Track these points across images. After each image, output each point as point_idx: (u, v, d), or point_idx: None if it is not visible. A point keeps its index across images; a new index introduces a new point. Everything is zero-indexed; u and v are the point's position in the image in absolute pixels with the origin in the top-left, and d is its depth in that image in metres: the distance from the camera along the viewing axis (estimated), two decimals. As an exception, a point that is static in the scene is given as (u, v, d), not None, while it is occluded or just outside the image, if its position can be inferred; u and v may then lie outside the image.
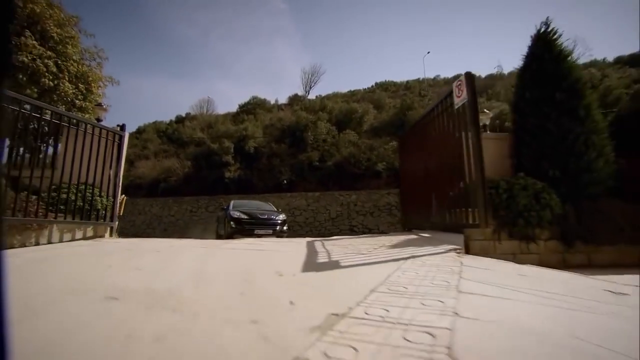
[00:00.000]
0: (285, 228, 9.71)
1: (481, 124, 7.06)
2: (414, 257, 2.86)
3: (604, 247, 5.08)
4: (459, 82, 4.31)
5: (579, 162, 5.13)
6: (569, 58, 5.93)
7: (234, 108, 38.40)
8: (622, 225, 5.00)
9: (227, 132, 26.02)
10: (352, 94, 42.63)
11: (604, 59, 39.82)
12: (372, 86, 47.56)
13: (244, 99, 40.54)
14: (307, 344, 1.13)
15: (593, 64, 41.16)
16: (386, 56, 67.22)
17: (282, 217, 9.99)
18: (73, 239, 5.23)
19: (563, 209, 4.99)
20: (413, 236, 5.34)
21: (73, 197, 5.01)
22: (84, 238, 5.38)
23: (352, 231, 18.94)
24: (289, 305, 1.52)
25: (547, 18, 6.29)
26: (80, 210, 5.14)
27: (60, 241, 5.05)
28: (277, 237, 9.07)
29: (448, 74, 49.63)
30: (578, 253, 5.08)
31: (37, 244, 4.74)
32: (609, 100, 24.05)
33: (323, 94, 44.28)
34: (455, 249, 3.38)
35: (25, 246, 4.58)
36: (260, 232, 8.92)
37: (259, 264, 2.63)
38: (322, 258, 2.92)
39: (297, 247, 4.05)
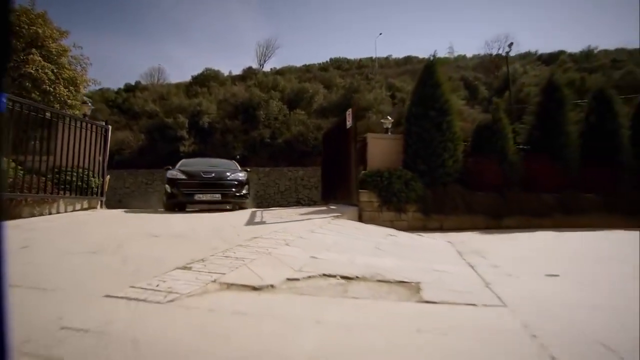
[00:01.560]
0: (245, 192, 7.52)
1: (384, 127, 9.58)
2: (309, 219, 5.18)
3: (450, 217, 7.86)
4: (349, 113, 6.64)
5: (437, 160, 7.77)
6: (443, 84, 8.47)
7: (186, 77, 38.35)
8: (460, 204, 7.80)
9: (181, 106, 26.81)
10: (307, 69, 44.09)
11: (537, 54, 44.62)
12: (326, 62, 49.12)
13: (198, 68, 40.53)
14: (243, 243, 3.31)
15: (523, 57, 45.98)
16: (342, 33, 68.49)
17: (239, 175, 7.67)
18: (74, 210, 7.01)
19: (424, 191, 7.64)
20: (323, 207, 7.78)
21: (74, 178, 6.76)
22: (82, 209, 7.17)
23: (299, 203, 21.37)
24: (237, 235, 3.71)
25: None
26: (79, 188, 6.92)
27: (65, 211, 6.83)
28: (233, 206, 7.46)
29: (400, 54, 52.16)
30: (433, 221, 7.81)
31: (50, 213, 6.51)
32: (521, 96, 28.27)
33: (278, 67, 45.19)
34: (336, 216, 5.72)
35: (43, 215, 6.34)
36: (202, 197, 7.01)
37: (221, 223, 4.78)
38: (257, 219, 5.17)
39: (244, 213, 6.30)
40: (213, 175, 7.39)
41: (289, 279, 2.09)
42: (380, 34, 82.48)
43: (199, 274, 2.18)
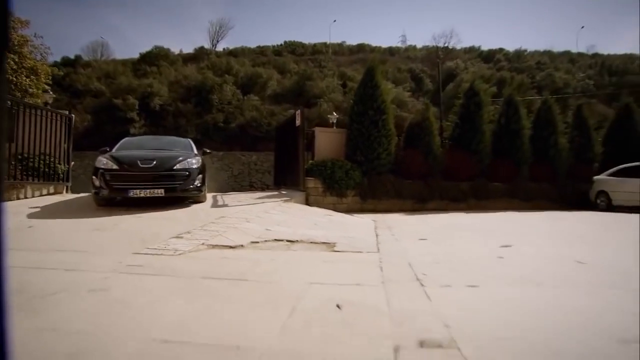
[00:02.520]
0: (198, 184, 6.01)
1: (330, 122, 10.88)
2: (264, 202, 6.33)
3: (382, 200, 9.40)
4: (298, 113, 7.81)
5: (373, 153, 9.20)
6: (381, 86, 9.86)
7: (133, 54, 36.74)
8: (391, 190, 9.36)
9: (130, 87, 26.11)
10: (261, 51, 44.01)
11: (480, 49, 48.12)
12: (280, 45, 49.15)
13: (145, 45, 38.88)
14: (214, 221, 4.37)
15: (468, 51, 49.42)
16: (297, 17, 68.22)
17: (191, 163, 6.08)
18: (41, 195, 7.53)
19: (362, 179, 9.08)
20: (276, 192, 8.96)
21: (40, 165, 7.27)
22: (48, 194, 7.69)
23: (252, 187, 22.23)
24: (206, 215, 4.77)
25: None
26: (45, 174, 7.43)
27: (33, 196, 7.34)
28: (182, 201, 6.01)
29: (353, 41, 53.42)
30: (369, 204, 9.29)
31: (18, 198, 7.02)
32: (459, 91, 30.93)
33: (231, 47, 44.57)
34: (286, 200, 6.91)
35: (11, 200, 6.85)
36: (139, 193, 5.48)
37: (194, 207, 5.79)
38: (220, 203, 6.23)
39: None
40: (154, 163, 5.70)
41: (252, 242, 3.26)
42: (335, 20, 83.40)
43: (189, 240, 3.28)
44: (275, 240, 3.44)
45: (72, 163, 8.23)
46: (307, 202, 8.40)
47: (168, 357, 1.15)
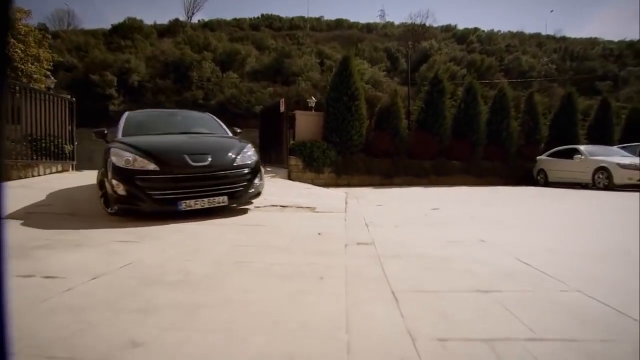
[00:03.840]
0: (260, 185, 4.48)
1: (310, 105, 12.10)
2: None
3: (355, 176, 10.87)
4: (282, 101, 9.04)
5: (347, 135, 10.57)
6: (355, 75, 11.11)
7: (103, 24, 35.83)
8: (362, 167, 10.83)
9: (105, 62, 25.99)
10: (237, 24, 43.71)
11: (456, 28, 49.26)
12: (257, 17, 48.71)
13: (116, 14, 37.74)
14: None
15: (445, 29, 50.59)
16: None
17: (249, 155, 4.54)
18: (51, 172, 8.49)
19: (337, 158, 10.48)
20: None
21: (50, 145, 8.20)
22: (57, 172, 8.65)
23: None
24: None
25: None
26: (55, 154, 8.38)
27: (44, 174, 8.30)
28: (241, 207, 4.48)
29: (331, 16, 53.39)
30: (343, 179, 10.74)
31: (32, 176, 7.97)
32: (431, 72, 32.41)
33: (207, 19, 43.92)
34: (272, 176, 8.22)
35: (27, 177, 7.81)
36: (193, 204, 3.82)
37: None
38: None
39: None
40: (210, 160, 4.09)
41: (255, 207, 4.61)
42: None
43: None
44: (272, 205, 4.79)
45: (77, 143, 9.14)
46: (290, 178, 9.75)
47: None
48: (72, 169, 9.07)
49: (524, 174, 13.32)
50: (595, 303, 1.48)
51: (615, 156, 10.44)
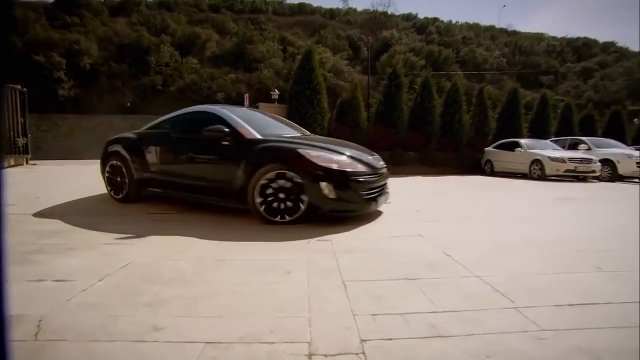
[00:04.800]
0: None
1: (272, 97, 12.37)
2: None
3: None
4: (246, 96, 9.27)
5: (309, 128, 10.99)
6: (317, 69, 11.50)
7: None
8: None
9: (50, 40, 24.37)
10: (196, 3, 42.10)
11: (416, 17, 50.37)
12: (218, -1, 47.05)
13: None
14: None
15: (405, 18, 51.61)
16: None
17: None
18: (2, 168, 8.25)
19: (300, 150, 10.90)
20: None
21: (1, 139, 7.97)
22: (9, 166, 8.41)
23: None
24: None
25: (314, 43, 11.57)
26: (6, 148, 8.16)
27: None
28: None
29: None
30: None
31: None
32: (392, 62, 33.36)
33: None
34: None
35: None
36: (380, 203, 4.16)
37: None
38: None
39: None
40: (381, 163, 4.43)
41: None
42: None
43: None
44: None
45: (29, 136, 8.87)
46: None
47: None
48: (26, 163, 8.84)
49: (473, 164, 14.43)
50: (485, 286, 2.08)
51: (548, 149, 11.69)
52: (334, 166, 3.66)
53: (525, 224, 4.02)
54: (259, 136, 4.01)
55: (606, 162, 11.31)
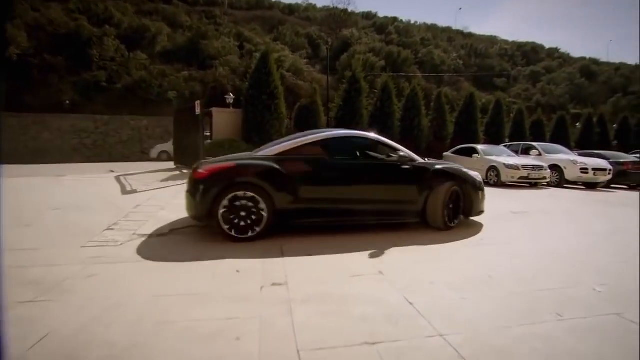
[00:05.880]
0: None
1: (228, 101, 11.92)
2: (169, 186, 7.44)
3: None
4: (198, 103, 8.83)
5: (267, 135, 10.71)
6: (274, 73, 11.21)
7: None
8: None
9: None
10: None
11: (376, 16, 51.09)
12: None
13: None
14: (133, 210, 5.47)
15: (365, 16, 52.25)
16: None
17: None
18: None
19: (257, 158, 10.58)
20: (178, 172, 9.97)
21: None
22: None
23: (143, 153, 21.78)
24: (124, 204, 5.79)
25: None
26: None
27: None
28: None
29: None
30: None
31: None
32: (352, 62, 33.68)
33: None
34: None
35: None
36: None
37: (104, 194, 6.58)
38: (128, 188, 7.14)
39: (110, 181, 8.00)
40: None
41: (171, 230, 4.62)
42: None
43: (121, 231, 4.47)
44: (189, 226, 4.84)
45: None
46: (208, 180, 9.62)
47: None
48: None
49: (432, 169, 14.76)
50: (452, 352, 1.99)
51: (503, 155, 12.22)
52: (479, 178, 5.28)
53: (485, 246, 4.05)
54: (421, 160, 4.99)
55: (554, 167, 12.03)
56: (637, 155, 14.83)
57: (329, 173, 4.54)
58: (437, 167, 4.93)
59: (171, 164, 12.61)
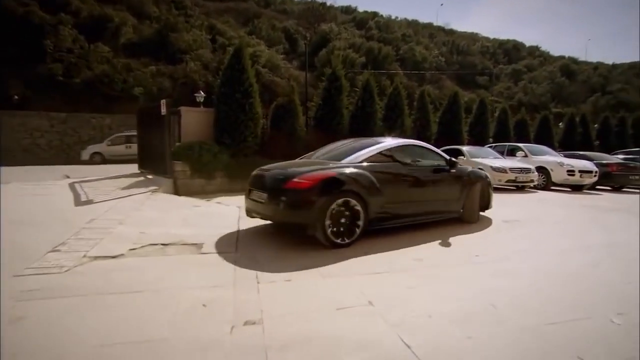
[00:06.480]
0: None
1: (198, 100, 11.42)
2: (131, 195, 6.93)
3: (251, 180, 10.67)
4: (164, 102, 8.34)
5: (240, 136, 10.28)
6: (249, 70, 10.77)
7: None
8: (258, 170, 10.70)
9: None
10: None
11: (356, 10, 51.13)
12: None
13: None
14: (86, 226, 4.98)
15: (345, 10, 52.19)
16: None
17: None
18: None
19: (229, 161, 10.14)
20: (142, 178, 9.42)
21: None
22: None
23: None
24: (77, 218, 5.29)
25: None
26: None
27: None
28: None
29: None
30: (237, 184, 10.43)
31: None
32: (331, 58, 33.50)
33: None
34: (154, 190, 7.58)
35: None
36: None
37: (54, 205, 6.02)
38: (83, 198, 6.59)
39: (63, 189, 7.41)
40: None
41: (130, 249, 4.18)
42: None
43: (68, 253, 4.01)
44: (151, 245, 4.41)
45: None
46: (176, 186, 9.13)
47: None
48: None
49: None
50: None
51: (489, 157, 12.23)
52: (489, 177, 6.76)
53: (481, 265, 3.83)
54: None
55: (540, 169, 12.15)
56: (620, 157, 15.25)
57: (404, 177, 5.28)
58: (469, 169, 6.35)
59: (125, 168, 12.02)
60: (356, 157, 5.09)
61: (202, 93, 11.26)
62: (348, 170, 4.72)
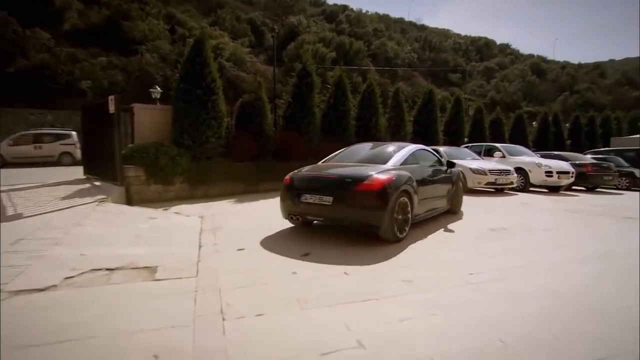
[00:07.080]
0: None
1: (154, 96, 10.70)
2: (73, 206, 6.24)
3: (213, 185, 10.11)
4: (112, 99, 7.65)
5: (202, 137, 9.69)
6: (211, 63, 10.19)
7: None
8: (222, 174, 10.15)
9: None
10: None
11: (325, 3, 50.99)
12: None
13: None
14: (9, 249, 4.33)
15: (314, 3, 51.90)
16: None
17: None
18: None
19: (190, 165, 9.53)
20: (88, 185, 8.65)
21: None
22: None
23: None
24: (-3, 238, 4.62)
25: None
26: None
27: None
28: None
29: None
30: (199, 190, 9.88)
31: None
32: (300, 52, 33.14)
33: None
34: (102, 199, 6.89)
35: None
36: None
37: None
38: (9, 212, 5.84)
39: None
40: None
41: (66, 278, 3.61)
42: None
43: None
44: (93, 270, 3.84)
45: None
46: (128, 194, 8.45)
47: None
48: None
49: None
50: None
51: (467, 158, 12.24)
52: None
53: (478, 285, 3.56)
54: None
55: (519, 170, 12.31)
56: (593, 156, 15.80)
57: (426, 177, 6.25)
58: (454, 170, 7.40)
59: (66, 173, 11.15)
60: (397, 160, 5.96)
61: (159, 88, 10.56)
62: (400, 172, 5.45)
